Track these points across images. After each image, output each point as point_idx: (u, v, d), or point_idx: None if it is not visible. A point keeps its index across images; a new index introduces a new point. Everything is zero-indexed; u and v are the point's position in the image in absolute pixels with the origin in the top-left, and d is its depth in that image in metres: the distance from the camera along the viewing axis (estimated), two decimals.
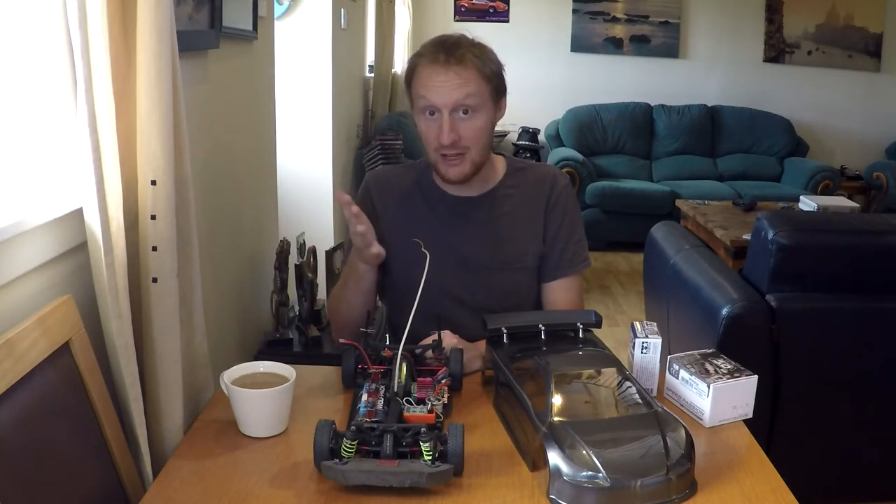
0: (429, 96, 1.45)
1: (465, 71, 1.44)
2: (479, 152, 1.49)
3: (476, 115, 1.46)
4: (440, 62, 1.44)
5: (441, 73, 1.43)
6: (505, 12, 6.34)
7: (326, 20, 3.43)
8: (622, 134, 6.01)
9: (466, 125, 1.46)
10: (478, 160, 1.50)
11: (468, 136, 1.46)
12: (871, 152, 6.18)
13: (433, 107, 1.45)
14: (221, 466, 1.13)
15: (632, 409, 1.15)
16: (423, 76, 1.46)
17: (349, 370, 1.34)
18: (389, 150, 4.12)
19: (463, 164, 1.49)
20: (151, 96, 1.11)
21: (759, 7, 6.26)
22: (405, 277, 1.49)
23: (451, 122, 1.44)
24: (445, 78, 1.43)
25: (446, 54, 1.44)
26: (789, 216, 2.20)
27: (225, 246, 1.86)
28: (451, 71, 1.43)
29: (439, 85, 1.43)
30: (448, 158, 1.48)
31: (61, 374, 1.04)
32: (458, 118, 1.45)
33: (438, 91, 1.44)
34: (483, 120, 1.48)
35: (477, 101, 1.45)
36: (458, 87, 1.43)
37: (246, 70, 2.07)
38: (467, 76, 1.44)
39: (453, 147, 1.46)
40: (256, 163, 2.17)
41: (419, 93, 1.46)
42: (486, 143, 1.51)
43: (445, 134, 1.44)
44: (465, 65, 1.44)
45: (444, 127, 1.44)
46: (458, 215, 1.58)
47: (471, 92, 1.44)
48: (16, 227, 0.99)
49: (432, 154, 1.50)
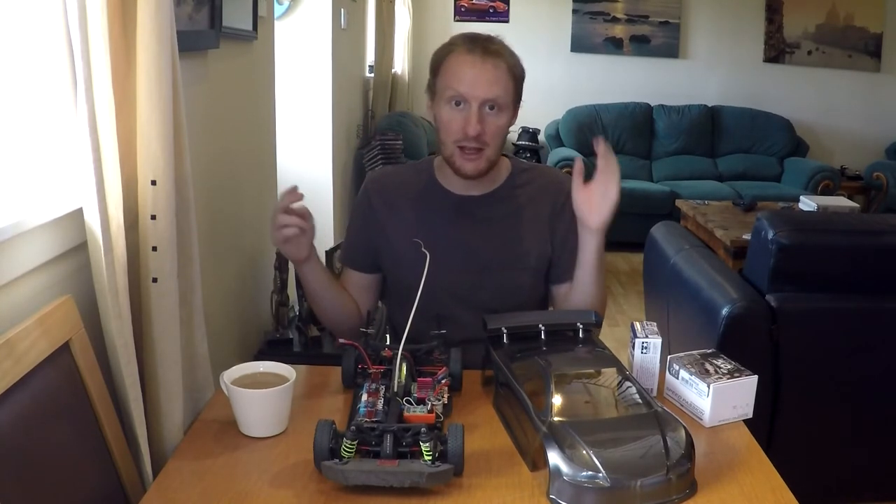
0: (459, 87, 1.44)
1: (499, 66, 1.44)
2: (495, 151, 1.50)
3: (501, 113, 1.46)
4: (477, 53, 1.44)
5: (477, 64, 1.43)
6: (505, 12, 6.34)
7: (326, 20, 3.43)
8: (622, 134, 6.01)
9: (491, 121, 1.46)
10: (493, 158, 1.50)
11: (491, 132, 1.46)
12: (871, 152, 6.18)
13: (462, 97, 1.44)
14: (221, 466, 1.13)
15: (632, 409, 1.15)
16: (455, 66, 1.45)
17: (349, 370, 1.34)
18: (389, 150, 4.12)
19: (479, 160, 1.48)
20: (151, 96, 1.11)
21: (759, 7, 6.26)
22: (406, 277, 1.49)
23: (479, 114, 1.44)
24: (481, 70, 1.43)
25: (483, 48, 1.44)
26: (789, 216, 2.20)
27: (225, 246, 1.86)
28: (487, 63, 1.43)
29: (473, 77, 1.43)
30: (466, 152, 1.47)
31: (61, 374, 1.04)
32: (485, 113, 1.45)
33: (471, 83, 1.43)
34: (505, 119, 1.48)
35: (505, 99, 1.46)
36: (490, 83, 1.43)
37: (246, 70, 2.07)
38: (500, 72, 1.44)
39: (476, 140, 1.45)
40: (256, 163, 2.17)
41: (449, 83, 1.45)
42: (502, 143, 1.51)
43: (472, 125, 1.43)
44: (501, 60, 1.44)
45: (472, 119, 1.43)
46: (462, 214, 1.58)
47: (501, 90, 1.44)
48: (16, 227, 0.99)
49: (450, 146, 1.49)
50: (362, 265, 1.65)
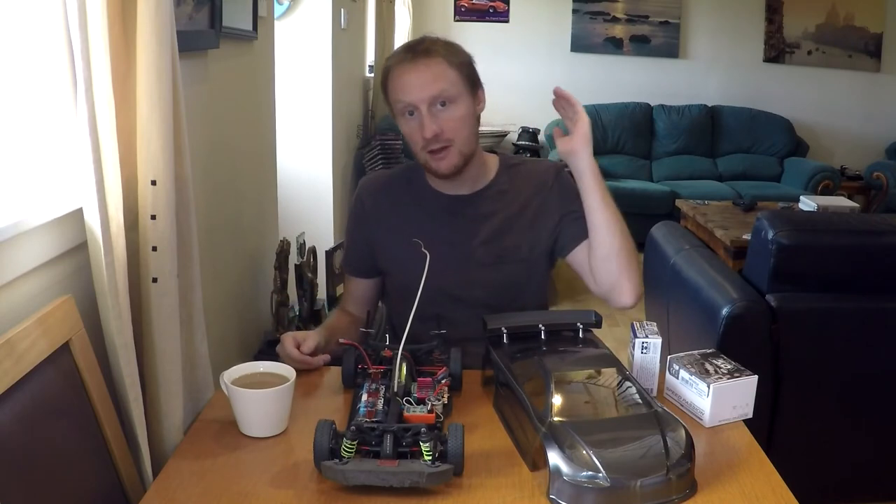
0: (404, 97, 1.45)
1: (433, 62, 1.45)
2: (464, 143, 1.49)
3: (453, 105, 1.47)
4: (408, 60, 1.46)
5: (411, 70, 1.45)
6: (505, 12, 6.34)
7: (326, 20, 3.43)
8: (622, 134, 6.01)
9: (446, 116, 1.46)
10: (465, 151, 1.50)
11: (449, 127, 1.46)
12: (871, 152, 6.18)
13: (411, 105, 1.46)
14: (221, 466, 1.13)
15: (632, 409, 1.15)
16: (394, 78, 1.47)
17: (349, 370, 1.34)
18: (389, 150, 4.12)
19: (450, 157, 1.49)
20: (151, 96, 1.11)
21: (759, 7, 6.26)
22: (404, 278, 1.49)
23: (430, 115, 1.45)
24: (416, 74, 1.44)
25: (413, 52, 1.46)
26: (789, 216, 2.20)
27: (225, 246, 1.86)
28: (419, 65, 1.45)
29: (411, 82, 1.45)
30: (435, 154, 1.48)
31: (61, 374, 1.04)
32: (437, 111, 1.46)
33: (411, 89, 1.45)
34: (462, 110, 1.48)
35: (452, 91, 1.46)
36: (429, 82, 1.44)
37: (246, 70, 2.07)
38: (437, 68, 1.45)
39: (437, 140, 1.46)
40: (256, 163, 2.17)
41: (396, 96, 1.47)
42: (470, 133, 1.51)
43: (427, 127, 1.44)
44: (433, 57, 1.45)
45: (425, 121, 1.44)
46: (453, 214, 1.58)
47: (443, 83, 1.45)
48: (16, 227, 0.99)
49: (420, 154, 1.50)
50: (362, 271, 1.66)
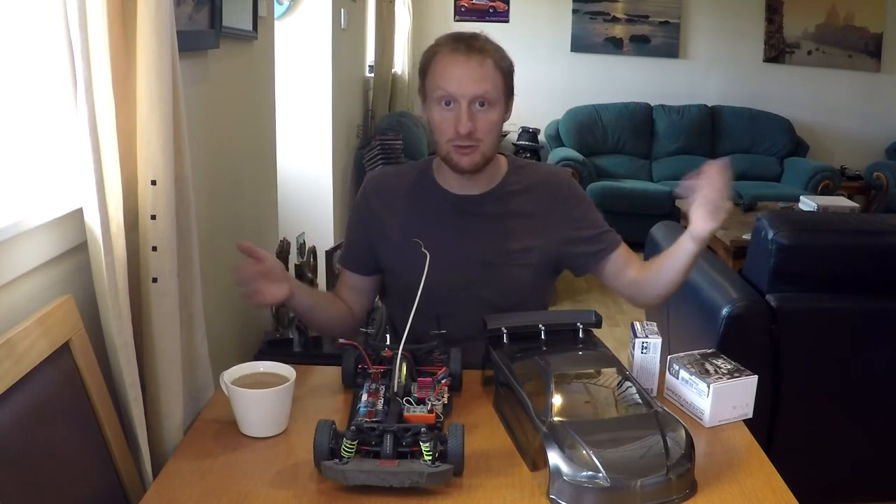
0: (447, 87, 1.45)
1: (484, 62, 1.45)
2: (489, 146, 1.50)
3: (492, 109, 1.47)
4: (461, 52, 1.44)
5: (462, 63, 1.44)
6: (505, 12, 6.34)
7: (326, 20, 3.43)
8: (622, 134, 6.01)
9: (483, 117, 1.46)
10: (488, 154, 1.51)
11: (483, 129, 1.47)
12: (871, 152, 6.18)
13: (451, 97, 1.45)
14: (221, 466, 1.13)
15: (632, 409, 1.15)
16: (441, 66, 1.46)
17: (349, 370, 1.34)
18: (389, 150, 4.12)
19: (474, 154, 1.49)
20: (151, 96, 1.11)
21: (759, 7, 6.26)
22: (406, 277, 1.49)
23: (469, 112, 1.45)
24: (466, 68, 1.44)
25: (467, 45, 1.45)
26: (789, 216, 2.20)
27: (225, 246, 1.86)
28: (472, 61, 1.44)
29: (459, 75, 1.44)
30: (461, 149, 1.48)
31: (61, 374, 1.04)
32: (475, 110, 1.46)
33: (458, 81, 1.44)
34: (496, 115, 1.48)
35: (494, 94, 1.46)
36: (477, 80, 1.44)
37: (246, 70, 2.07)
38: (487, 68, 1.45)
39: (469, 138, 1.46)
40: (256, 163, 2.17)
41: (437, 83, 1.46)
42: (496, 138, 1.52)
43: (463, 123, 1.44)
44: (486, 56, 1.45)
45: (463, 117, 1.44)
46: (461, 213, 1.58)
47: (489, 86, 1.45)
48: (16, 227, 0.99)
49: (445, 145, 1.50)
50: (360, 267, 1.65)
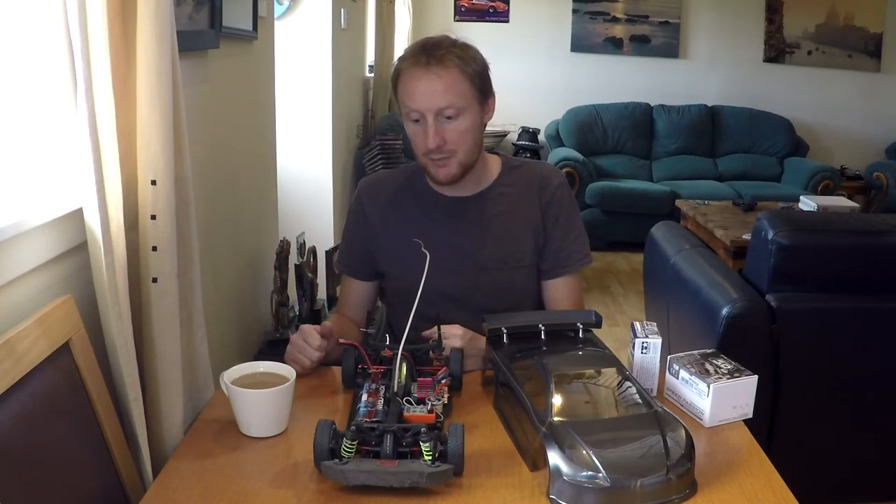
0: (411, 104, 1.45)
1: (446, 73, 1.43)
2: (466, 154, 1.50)
3: (460, 117, 1.46)
4: (421, 65, 1.44)
5: (423, 77, 1.43)
6: (505, 12, 6.34)
7: (326, 20, 3.43)
8: (622, 134, 6.01)
9: (451, 128, 1.46)
10: (465, 161, 1.51)
11: (453, 139, 1.47)
12: (871, 152, 6.18)
13: (417, 112, 1.45)
14: (221, 466, 1.13)
15: (632, 409, 1.15)
16: (404, 82, 1.46)
17: (349, 370, 1.34)
18: (389, 150, 4.12)
19: (450, 166, 1.49)
20: (151, 96, 1.11)
21: (759, 7, 6.26)
22: (404, 279, 1.49)
23: (435, 126, 1.45)
24: (427, 83, 1.43)
25: (427, 57, 1.44)
26: (789, 216, 2.20)
27: (225, 246, 1.86)
28: (432, 74, 1.43)
29: (421, 90, 1.44)
30: (436, 161, 1.49)
31: (61, 374, 1.04)
32: (443, 122, 1.45)
33: (421, 97, 1.44)
34: (468, 122, 1.47)
35: (460, 104, 1.45)
36: (440, 93, 1.43)
37: (246, 70, 2.07)
38: (449, 79, 1.43)
39: (439, 151, 1.47)
40: (256, 163, 2.17)
41: (403, 100, 1.47)
42: (473, 144, 1.51)
43: (430, 139, 1.45)
44: (447, 66, 1.43)
45: (429, 132, 1.45)
46: (453, 216, 1.58)
47: (453, 96, 1.44)
48: (16, 227, 0.99)
49: (422, 158, 1.51)
50: (359, 273, 1.66)
